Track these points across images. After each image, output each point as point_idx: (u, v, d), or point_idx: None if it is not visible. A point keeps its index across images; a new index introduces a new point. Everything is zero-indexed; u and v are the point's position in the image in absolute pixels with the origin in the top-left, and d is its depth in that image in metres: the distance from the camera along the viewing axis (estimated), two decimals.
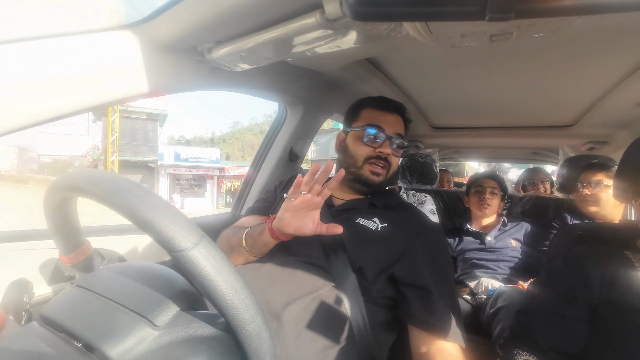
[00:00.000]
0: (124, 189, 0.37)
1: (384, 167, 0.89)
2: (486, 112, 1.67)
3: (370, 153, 0.88)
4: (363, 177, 0.89)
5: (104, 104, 0.70)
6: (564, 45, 0.94)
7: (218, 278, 0.35)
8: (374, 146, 0.88)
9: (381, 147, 0.88)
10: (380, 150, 0.88)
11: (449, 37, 0.59)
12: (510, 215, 1.85)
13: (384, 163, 0.89)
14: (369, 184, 0.89)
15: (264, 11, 0.61)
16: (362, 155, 0.89)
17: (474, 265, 1.62)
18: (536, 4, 0.34)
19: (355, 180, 0.90)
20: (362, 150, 0.89)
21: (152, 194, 0.37)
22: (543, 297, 0.71)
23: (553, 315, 0.67)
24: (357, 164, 0.89)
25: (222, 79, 0.93)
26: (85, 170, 0.45)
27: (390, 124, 0.90)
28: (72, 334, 0.37)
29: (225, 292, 0.35)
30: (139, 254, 0.99)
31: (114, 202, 0.36)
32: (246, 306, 0.35)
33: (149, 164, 17.06)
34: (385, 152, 0.88)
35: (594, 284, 0.62)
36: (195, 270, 0.34)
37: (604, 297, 0.61)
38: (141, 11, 0.68)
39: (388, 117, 0.91)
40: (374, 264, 0.75)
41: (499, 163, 4.51)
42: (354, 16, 0.42)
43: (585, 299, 0.63)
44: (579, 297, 0.64)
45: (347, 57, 1.04)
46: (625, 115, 1.39)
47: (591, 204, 1.45)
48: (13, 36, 0.57)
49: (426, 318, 0.72)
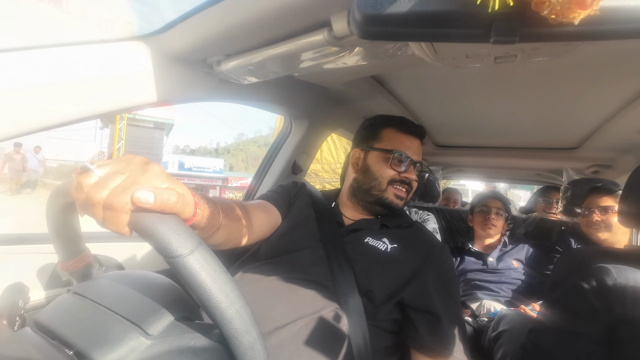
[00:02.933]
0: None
1: (407, 191, 0.89)
2: (490, 132, 1.68)
3: (394, 176, 0.87)
4: (387, 201, 0.87)
5: (114, 111, 0.71)
6: (568, 68, 0.95)
7: (213, 286, 0.34)
8: (399, 170, 0.87)
9: (407, 172, 0.87)
10: (406, 176, 0.87)
11: (454, 58, 0.59)
12: (513, 237, 1.82)
13: (407, 187, 0.88)
14: (392, 208, 0.87)
15: (273, 27, 0.62)
16: (387, 178, 0.87)
17: (476, 286, 1.59)
18: (540, 28, 0.34)
19: (376, 203, 0.88)
20: (387, 173, 0.87)
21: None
22: (557, 316, 0.68)
23: (567, 334, 0.64)
24: (381, 187, 0.87)
25: (230, 91, 0.94)
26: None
27: (415, 149, 0.90)
28: (64, 341, 0.37)
29: (220, 302, 0.34)
30: (137, 262, 0.98)
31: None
32: (241, 317, 0.35)
33: None
34: (410, 178, 0.87)
35: (616, 301, 0.60)
36: (191, 277, 0.34)
37: (625, 315, 0.59)
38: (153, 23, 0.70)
39: (413, 141, 0.90)
40: (383, 288, 0.73)
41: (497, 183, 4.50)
42: (361, 35, 0.43)
43: (606, 317, 0.61)
44: (598, 315, 0.61)
45: (352, 74, 1.06)
46: (629, 139, 1.38)
47: (602, 230, 1.40)
48: (30, 44, 0.59)
49: (434, 345, 0.70)
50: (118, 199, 0.36)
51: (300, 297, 0.70)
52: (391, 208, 0.88)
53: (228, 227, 0.64)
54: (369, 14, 0.39)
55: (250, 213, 0.77)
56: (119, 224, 0.36)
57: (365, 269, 0.75)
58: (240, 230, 0.71)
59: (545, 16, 0.32)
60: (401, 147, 0.88)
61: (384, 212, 0.90)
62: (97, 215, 0.37)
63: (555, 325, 0.67)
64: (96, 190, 0.36)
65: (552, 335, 0.66)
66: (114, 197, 0.36)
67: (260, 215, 0.81)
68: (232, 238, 0.69)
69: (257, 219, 0.79)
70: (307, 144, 1.40)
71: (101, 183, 0.36)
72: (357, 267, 0.75)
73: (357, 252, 0.78)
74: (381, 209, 0.89)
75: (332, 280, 0.73)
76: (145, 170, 0.39)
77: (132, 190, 0.36)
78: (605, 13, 0.32)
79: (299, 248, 0.80)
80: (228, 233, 0.65)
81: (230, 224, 0.65)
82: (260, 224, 0.81)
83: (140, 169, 0.39)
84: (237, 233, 0.71)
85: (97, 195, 0.36)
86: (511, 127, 1.56)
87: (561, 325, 0.66)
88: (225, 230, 0.63)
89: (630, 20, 0.33)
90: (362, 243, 0.81)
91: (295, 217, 0.90)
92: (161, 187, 0.38)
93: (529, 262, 1.61)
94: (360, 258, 0.77)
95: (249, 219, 0.75)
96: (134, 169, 0.39)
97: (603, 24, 0.33)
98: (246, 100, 1.07)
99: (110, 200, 0.36)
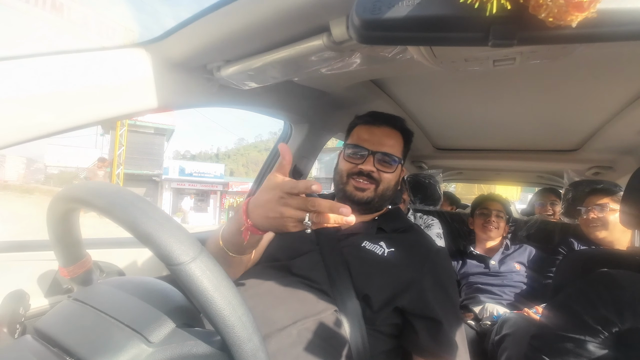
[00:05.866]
0: (125, 202, 0.37)
1: (370, 183, 0.86)
2: (490, 134, 1.68)
3: (352, 169, 0.87)
4: (348, 194, 0.87)
5: (115, 118, 0.72)
6: (567, 70, 0.95)
7: (215, 294, 0.34)
8: (356, 162, 0.87)
9: (363, 163, 0.86)
10: (361, 167, 0.86)
11: (452, 62, 0.60)
12: (515, 239, 1.82)
13: (367, 179, 0.86)
14: (354, 200, 0.86)
15: (272, 33, 0.63)
16: (345, 171, 0.88)
17: (479, 290, 1.58)
18: (538, 31, 0.34)
19: (343, 198, 0.89)
20: (344, 166, 0.89)
21: (154, 207, 0.37)
22: (561, 320, 0.68)
23: (573, 340, 0.63)
24: (342, 180, 0.89)
25: (230, 97, 0.95)
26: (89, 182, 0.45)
27: (376, 139, 0.88)
28: (65, 349, 0.37)
29: (222, 309, 0.34)
30: (138, 268, 0.98)
31: (114, 214, 0.36)
32: (243, 324, 0.35)
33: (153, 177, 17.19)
34: (365, 169, 0.85)
35: (626, 308, 0.59)
36: (193, 284, 0.34)
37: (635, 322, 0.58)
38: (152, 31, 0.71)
39: (374, 131, 0.89)
40: (380, 293, 0.73)
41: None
42: (360, 39, 0.43)
43: (616, 325, 0.60)
44: (608, 324, 0.60)
45: (352, 78, 1.06)
46: (629, 141, 1.38)
47: (599, 229, 1.42)
48: (32, 51, 0.59)
49: (435, 350, 0.70)
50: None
51: (299, 301, 0.70)
52: (353, 200, 0.86)
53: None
54: (368, 19, 0.39)
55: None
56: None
57: (362, 273, 0.75)
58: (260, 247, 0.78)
59: (542, 19, 0.32)
60: (358, 140, 0.89)
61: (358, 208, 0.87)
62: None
63: (560, 330, 0.66)
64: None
65: (556, 342, 0.66)
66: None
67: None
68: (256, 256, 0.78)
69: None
70: (308, 148, 1.40)
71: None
72: (354, 271, 0.75)
73: (353, 256, 0.78)
74: (351, 204, 0.87)
75: (329, 284, 0.73)
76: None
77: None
78: (602, 15, 0.32)
79: (297, 254, 0.81)
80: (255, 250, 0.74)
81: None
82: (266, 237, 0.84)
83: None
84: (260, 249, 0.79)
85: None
86: (511, 129, 1.56)
87: (566, 331, 0.65)
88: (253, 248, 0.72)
89: (628, 22, 0.33)
90: (359, 247, 0.81)
91: None
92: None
93: (532, 265, 1.60)
94: (357, 262, 0.77)
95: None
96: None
97: (600, 27, 0.33)
98: (246, 106, 1.08)
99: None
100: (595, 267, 0.77)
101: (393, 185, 0.91)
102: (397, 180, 0.92)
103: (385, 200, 0.90)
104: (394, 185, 0.91)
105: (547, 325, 0.71)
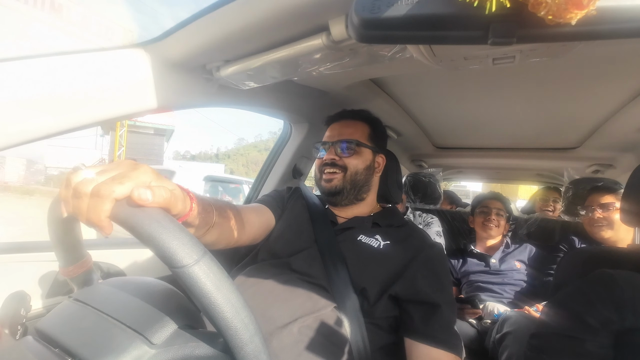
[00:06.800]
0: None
1: (337, 171, 0.91)
2: (490, 133, 1.68)
3: (320, 164, 0.95)
4: (322, 187, 0.94)
5: (114, 118, 0.72)
6: (567, 68, 0.95)
7: (219, 296, 0.34)
8: (322, 157, 0.94)
9: (326, 155, 0.93)
10: (325, 158, 0.92)
11: (452, 60, 0.60)
12: (515, 237, 1.82)
13: (332, 168, 0.91)
14: (327, 192, 0.92)
15: (271, 33, 0.63)
16: (317, 168, 0.97)
17: (479, 288, 1.58)
18: (537, 29, 0.34)
19: (322, 194, 0.96)
20: (316, 165, 0.98)
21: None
22: (561, 318, 0.67)
23: (572, 339, 0.63)
24: (317, 177, 0.97)
25: (230, 97, 0.95)
26: None
27: (336, 132, 0.95)
28: (66, 349, 0.37)
29: (225, 311, 0.34)
30: (139, 269, 0.98)
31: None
32: (245, 326, 0.35)
33: None
34: (328, 158, 0.91)
35: (627, 308, 0.59)
36: (196, 287, 0.33)
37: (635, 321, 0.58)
38: (151, 31, 0.71)
39: (334, 126, 0.98)
40: (375, 284, 0.74)
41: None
42: (359, 38, 0.43)
43: (617, 326, 0.60)
44: (609, 324, 0.60)
45: (352, 78, 1.06)
46: (629, 138, 1.38)
47: (605, 228, 1.39)
48: (31, 52, 0.59)
49: (427, 331, 0.70)
50: (105, 186, 0.36)
51: (299, 298, 0.71)
52: (326, 192, 0.93)
53: (221, 225, 0.66)
54: (367, 18, 0.39)
55: (242, 213, 0.80)
56: (101, 212, 0.36)
57: (358, 265, 0.76)
58: (231, 229, 0.73)
59: (542, 17, 0.32)
60: (323, 139, 0.98)
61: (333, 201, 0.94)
62: (81, 207, 0.36)
63: (560, 329, 0.66)
64: (84, 183, 0.36)
65: (556, 341, 0.66)
66: (101, 185, 0.36)
67: (251, 216, 0.85)
68: (223, 237, 0.70)
69: (249, 219, 0.83)
70: (308, 148, 1.40)
71: (90, 178, 0.37)
72: (351, 264, 0.76)
73: (350, 250, 0.80)
74: (327, 197, 0.95)
75: (328, 280, 0.74)
76: (134, 168, 0.39)
77: (121, 182, 0.36)
78: (602, 13, 0.32)
79: (296, 251, 0.82)
80: (220, 232, 0.67)
81: (222, 222, 0.67)
82: (252, 224, 0.84)
83: (129, 167, 0.39)
84: (229, 232, 0.72)
85: (85, 188, 0.36)
86: (511, 127, 1.56)
87: (566, 330, 0.65)
88: (217, 229, 0.65)
89: (627, 19, 0.33)
90: (355, 241, 0.82)
91: (290, 219, 0.93)
92: (150, 183, 0.39)
93: (532, 263, 1.60)
94: (353, 255, 0.78)
95: (240, 218, 0.78)
96: (123, 166, 0.39)
97: (600, 24, 0.33)
98: (246, 105, 1.08)
99: (97, 188, 0.36)
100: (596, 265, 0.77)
101: (362, 170, 0.92)
102: (368, 165, 0.94)
103: (358, 186, 0.92)
104: (363, 170, 0.92)
105: (546, 324, 0.71)
